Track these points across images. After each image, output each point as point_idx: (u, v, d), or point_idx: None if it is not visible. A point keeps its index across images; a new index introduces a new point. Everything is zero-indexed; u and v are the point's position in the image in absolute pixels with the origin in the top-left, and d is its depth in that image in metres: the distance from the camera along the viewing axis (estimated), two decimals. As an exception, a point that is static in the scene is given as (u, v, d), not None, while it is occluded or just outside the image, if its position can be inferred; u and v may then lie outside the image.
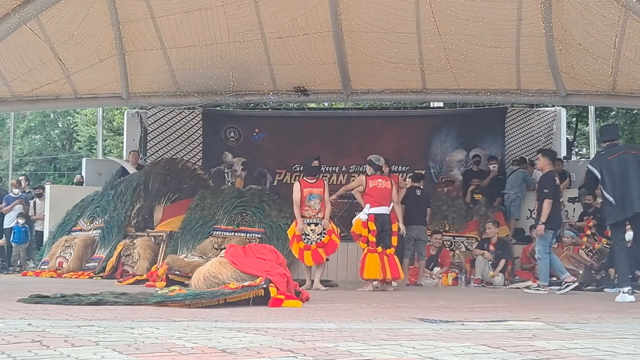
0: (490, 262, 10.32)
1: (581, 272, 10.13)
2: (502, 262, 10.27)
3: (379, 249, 8.31)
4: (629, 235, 9.83)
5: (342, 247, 9.86)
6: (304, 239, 8.63)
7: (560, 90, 12.32)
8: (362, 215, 8.43)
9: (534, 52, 11.57)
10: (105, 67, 12.60)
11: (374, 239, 8.36)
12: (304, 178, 9.15)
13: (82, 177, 14.65)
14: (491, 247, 10.42)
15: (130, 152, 14.10)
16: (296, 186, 8.91)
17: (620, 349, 2.89)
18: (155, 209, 11.75)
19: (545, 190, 8.38)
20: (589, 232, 10.79)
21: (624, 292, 6.91)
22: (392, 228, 8.53)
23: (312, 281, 8.55)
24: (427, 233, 10.36)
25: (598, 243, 10.58)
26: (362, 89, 13.49)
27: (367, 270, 8.27)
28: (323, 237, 8.60)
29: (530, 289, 8.59)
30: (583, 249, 10.62)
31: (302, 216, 8.66)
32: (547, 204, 8.32)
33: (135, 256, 10.73)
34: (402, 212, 9.08)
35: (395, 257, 8.54)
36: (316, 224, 8.64)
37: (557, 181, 8.77)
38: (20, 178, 14.82)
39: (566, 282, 8.22)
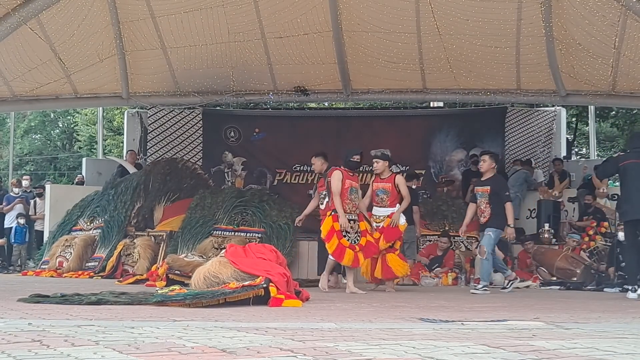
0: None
1: (579, 271, 10.15)
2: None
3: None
4: (622, 235, 9.86)
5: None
6: (345, 236, 7.64)
7: (560, 90, 12.32)
8: (402, 219, 8.21)
9: (534, 52, 11.57)
10: (105, 67, 12.61)
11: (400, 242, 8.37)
12: (345, 170, 7.94)
13: (83, 176, 14.66)
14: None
15: (127, 152, 14.15)
16: (338, 175, 7.75)
17: (620, 349, 2.89)
18: (155, 209, 11.76)
19: (507, 193, 8.21)
20: (591, 232, 10.82)
21: (632, 292, 7.17)
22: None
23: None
24: (414, 233, 10.28)
25: (593, 241, 10.63)
26: (362, 89, 13.49)
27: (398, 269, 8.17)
28: (359, 238, 7.74)
29: (477, 289, 8.03)
30: (584, 248, 10.65)
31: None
32: (511, 206, 8.15)
33: (136, 256, 10.74)
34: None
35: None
36: (355, 221, 7.78)
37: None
38: (24, 178, 14.81)
39: (479, 287, 8.02)
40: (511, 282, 8.35)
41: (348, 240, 7.60)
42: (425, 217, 11.31)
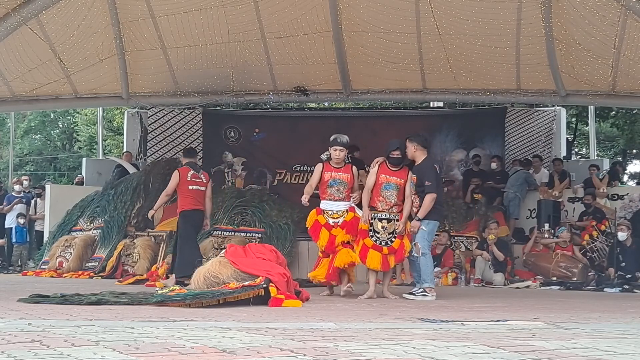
0: (489, 262, 10.34)
1: (576, 270, 10.17)
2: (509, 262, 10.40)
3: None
4: (622, 235, 9.88)
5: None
6: (372, 236, 7.01)
7: (560, 90, 12.32)
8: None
9: (534, 52, 11.57)
10: (105, 67, 12.60)
11: None
12: (386, 163, 7.22)
13: (83, 177, 14.66)
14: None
15: (123, 153, 14.20)
16: (373, 170, 7.20)
17: (620, 349, 2.89)
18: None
19: (427, 183, 7.02)
20: (595, 233, 10.84)
21: None
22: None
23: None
24: None
25: (589, 234, 10.70)
26: (362, 89, 13.49)
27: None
28: (394, 239, 7.03)
29: (415, 294, 7.02)
30: (583, 244, 10.69)
31: (373, 208, 7.04)
32: (429, 198, 6.99)
33: (136, 256, 10.74)
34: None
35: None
36: (389, 220, 7.04)
37: (438, 169, 7.35)
38: (24, 178, 14.81)
39: (424, 291, 7.03)
40: (425, 293, 7.02)
41: (375, 241, 7.00)
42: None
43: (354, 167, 7.26)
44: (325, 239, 7.13)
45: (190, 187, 8.40)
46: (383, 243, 7.01)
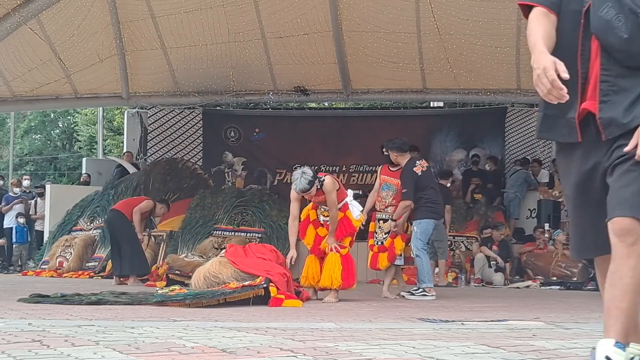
0: (492, 262, 10.33)
1: (576, 270, 10.17)
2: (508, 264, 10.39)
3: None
4: None
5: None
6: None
7: (560, 90, 12.31)
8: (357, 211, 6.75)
9: (533, 52, 11.57)
10: (105, 67, 12.61)
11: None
12: (387, 165, 7.30)
13: (88, 176, 14.63)
14: (494, 247, 10.42)
15: (124, 153, 14.21)
16: (378, 170, 7.43)
17: (620, 349, 2.88)
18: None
19: (403, 190, 6.96)
20: None
21: None
22: None
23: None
24: (445, 232, 9.53)
25: None
26: (362, 89, 13.49)
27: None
28: (387, 239, 7.04)
29: (414, 294, 6.89)
30: None
31: (373, 208, 7.21)
32: (402, 205, 6.92)
33: (136, 256, 10.72)
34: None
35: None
36: (385, 220, 7.09)
37: (422, 169, 7.01)
38: (24, 178, 14.79)
39: (424, 291, 6.89)
40: (425, 292, 6.88)
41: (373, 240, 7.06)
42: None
43: (325, 185, 6.38)
44: (311, 236, 6.61)
45: None
46: (378, 242, 7.04)
